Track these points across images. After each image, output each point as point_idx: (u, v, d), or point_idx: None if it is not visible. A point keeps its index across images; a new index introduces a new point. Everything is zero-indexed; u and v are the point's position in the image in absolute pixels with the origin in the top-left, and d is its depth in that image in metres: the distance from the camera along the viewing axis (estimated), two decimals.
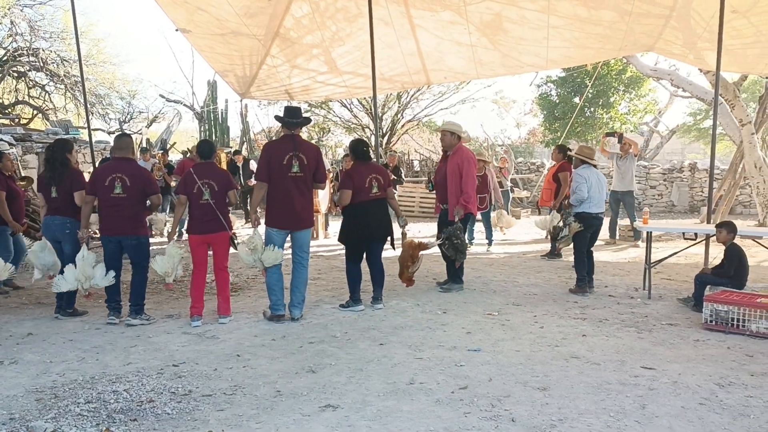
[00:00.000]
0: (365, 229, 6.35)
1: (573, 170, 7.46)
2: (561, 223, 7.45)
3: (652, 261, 7.16)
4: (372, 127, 23.56)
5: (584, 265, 7.16)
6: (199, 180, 5.89)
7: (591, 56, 11.42)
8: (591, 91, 22.45)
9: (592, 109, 24.41)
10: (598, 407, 3.78)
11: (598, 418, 3.63)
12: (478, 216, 10.86)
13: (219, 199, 5.93)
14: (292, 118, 5.99)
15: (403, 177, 16.04)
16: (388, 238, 6.53)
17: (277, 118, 6.22)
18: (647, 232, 7.48)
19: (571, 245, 7.24)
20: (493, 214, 11.05)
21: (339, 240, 6.58)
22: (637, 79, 23.18)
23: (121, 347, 5.16)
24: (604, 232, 10.85)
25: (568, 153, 7.69)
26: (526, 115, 35.91)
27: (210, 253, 6.05)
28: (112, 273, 5.91)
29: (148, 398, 3.97)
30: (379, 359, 4.75)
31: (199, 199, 5.90)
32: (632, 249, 10.74)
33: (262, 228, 6.08)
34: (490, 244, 10.87)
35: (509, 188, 13.38)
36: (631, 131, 26.56)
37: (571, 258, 7.38)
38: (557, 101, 25.79)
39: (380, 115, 23.50)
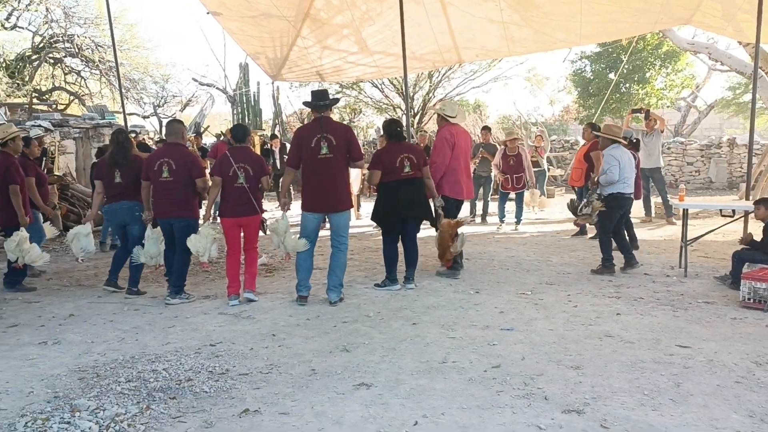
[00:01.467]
0: (395, 208, 6.36)
1: (602, 150, 7.32)
2: (585, 201, 7.36)
3: (688, 238, 7.05)
4: (403, 106, 23.47)
5: (609, 245, 7.07)
6: (235, 163, 5.98)
7: (626, 31, 11.22)
8: (626, 66, 22.02)
9: (627, 84, 23.99)
10: (632, 385, 3.77)
11: (632, 396, 3.62)
12: (512, 195, 10.81)
13: (253, 183, 6.02)
14: (319, 100, 6.01)
15: None
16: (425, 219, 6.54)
17: (305, 103, 6.26)
18: (683, 210, 7.36)
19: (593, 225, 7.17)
20: (526, 194, 10.97)
21: (371, 218, 6.61)
22: (674, 54, 22.67)
23: (160, 327, 5.29)
24: (638, 210, 10.74)
25: (594, 132, 7.56)
26: (559, 92, 35.40)
27: (242, 234, 6.16)
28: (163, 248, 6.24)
29: (186, 377, 4.07)
30: (412, 338, 4.79)
31: (234, 183, 5.99)
32: (668, 227, 10.58)
33: (290, 212, 6.14)
34: (518, 222, 10.80)
35: (546, 167, 13.21)
36: (668, 107, 26.04)
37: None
38: (592, 77, 25.38)
39: (411, 94, 23.39)
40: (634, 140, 8.87)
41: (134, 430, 3.31)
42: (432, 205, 6.67)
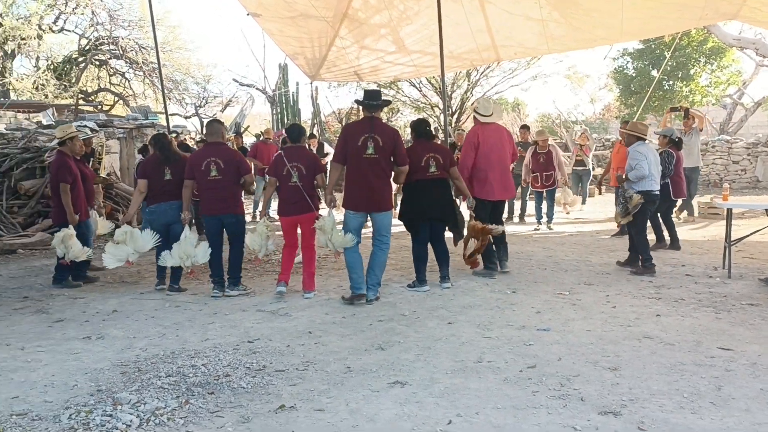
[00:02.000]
0: (417, 208, 6.36)
1: (627, 147, 7.24)
2: (621, 199, 7.26)
3: (732, 239, 6.89)
4: (441, 105, 23.41)
5: (647, 245, 6.97)
6: (289, 163, 6.08)
7: (669, 27, 11.01)
8: (670, 63, 21.56)
9: (670, 82, 23.50)
10: (671, 388, 3.71)
11: (671, 398, 3.56)
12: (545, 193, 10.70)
13: (306, 182, 6.11)
14: (371, 100, 6.04)
15: None
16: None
17: (357, 101, 6.32)
18: (727, 209, 7.19)
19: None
20: (558, 192, 10.83)
21: (398, 218, 6.63)
22: (720, 50, 22.12)
23: (200, 324, 5.39)
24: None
25: (621, 130, 7.43)
26: (600, 90, 34.87)
27: (299, 231, 6.29)
28: (209, 249, 6.33)
29: (224, 373, 4.14)
30: (447, 338, 4.79)
31: (288, 182, 6.10)
32: (712, 227, 10.34)
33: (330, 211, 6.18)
34: (549, 221, 10.67)
35: (591, 167, 13.02)
36: (713, 104, 25.43)
37: (652, 236, 7.20)
38: (634, 75, 24.94)
39: (449, 93, 23.31)
40: (676, 138, 8.70)
41: (173, 424, 3.39)
42: (461, 207, 6.66)
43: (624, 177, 7.10)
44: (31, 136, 11.59)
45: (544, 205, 10.73)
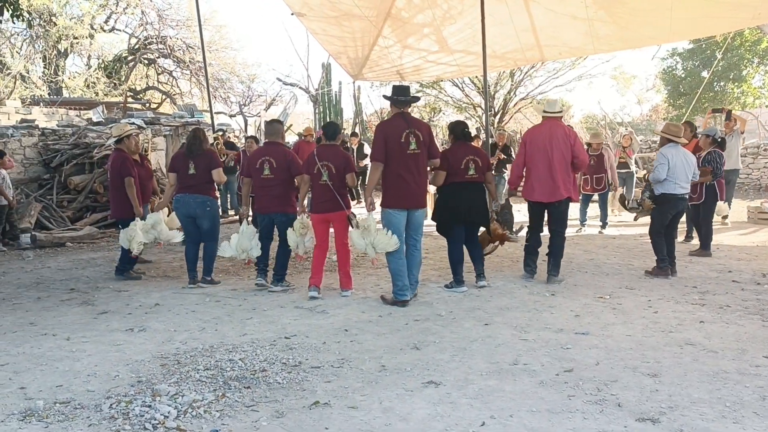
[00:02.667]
0: (453, 211, 6.32)
1: (659, 149, 7.08)
2: (638, 197, 7.17)
3: None
4: (484, 105, 23.24)
5: (662, 246, 6.85)
6: (319, 162, 6.12)
7: (721, 26, 10.71)
8: (721, 63, 20.99)
9: (722, 83, 22.88)
10: (713, 396, 3.61)
11: (713, 407, 3.46)
12: (595, 197, 10.54)
13: (336, 181, 6.13)
14: (401, 95, 6.04)
15: (514, 156, 15.75)
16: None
17: (386, 97, 6.31)
18: None
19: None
20: (609, 195, 10.65)
21: (431, 219, 6.59)
22: None
23: (238, 319, 5.47)
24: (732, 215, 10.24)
25: (659, 133, 7.20)
26: (648, 91, 34.17)
27: (332, 230, 6.31)
28: (259, 244, 6.50)
29: (261, 368, 4.19)
30: (483, 339, 4.76)
31: (318, 180, 6.14)
32: (761, 232, 10.04)
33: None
34: (603, 226, 10.49)
35: (634, 169, 12.76)
36: (767, 106, 24.67)
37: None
38: (683, 75, 24.35)
39: (492, 93, 23.12)
40: (719, 138, 8.46)
41: (210, 417, 3.44)
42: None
43: (645, 178, 7.02)
44: (81, 133, 11.92)
45: (592, 208, 10.56)
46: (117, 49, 24.78)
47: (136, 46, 24.06)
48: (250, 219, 6.88)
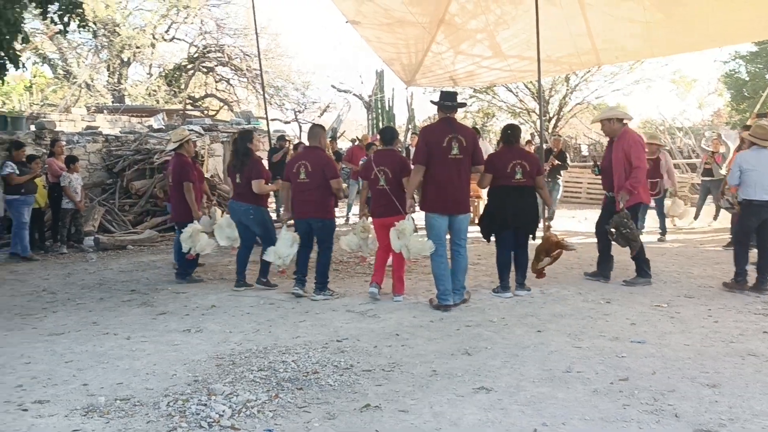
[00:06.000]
0: (499, 215, 6.28)
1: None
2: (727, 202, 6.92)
3: None
4: (538, 111, 22.99)
5: (742, 258, 6.46)
6: (376, 167, 6.17)
7: None
8: None
9: None
10: None
11: None
12: (652, 203, 10.28)
13: (394, 185, 6.16)
14: (448, 100, 6.04)
15: (569, 162, 15.54)
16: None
17: (433, 102, 6.33)
18: None
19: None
20: (667, 202, 10.36)
21: (478, 223, 6.55)
22: None
23: (291, 322, 5.55)
24: None
25: (746, 136, 6.94)
26: (709, 95, 33.16)
27: None
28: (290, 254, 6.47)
29: (313, 370, 4.24)
30: (535, 345, 4.71)
31: (376, 185, 6.19)
32: None
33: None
34: (662, 234, 10.19)
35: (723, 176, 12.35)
36: None
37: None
38: (747, 78, 23.56)
39: (546, 98, 22.84)
40: None
41: (263, 417, 3.51)
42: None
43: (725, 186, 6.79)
44: (142, 139, 12.32)
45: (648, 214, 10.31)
46: (177, 58, 25.50)
47: (195, 55, 24.71)
48: (290, 224, 6.90)
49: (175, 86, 23.89)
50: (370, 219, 6.77)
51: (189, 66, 24.64)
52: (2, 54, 6.71)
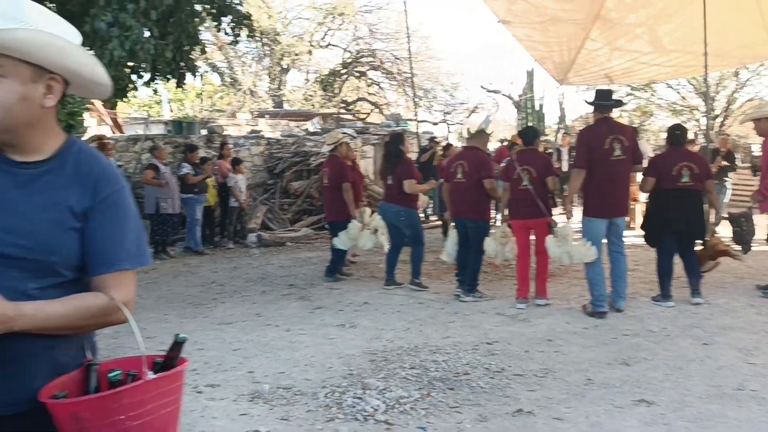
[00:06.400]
0: (662, 220, 5.92)
1: None
2: None
3: None
4: (702, 108, 21.47)
5: None
6: (519, 166, 6.08)
7: None
8: None
9: None
10: None
11: None
12: None
13: (537, 186, 6.03)
14: (604, 100, 5.82)
15: (737, 163, 14.35)
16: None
17: (588, 102, 6.12)
18: None
19: None
20: None
21: (641, 227, 6.22)
22: None
23: (441, 322, 5.60)
24: None
25: None
26: None
27: (532, 237, 6.22)
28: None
29: (463, 371, 4.26)
30: (701, 359, 4.42)
31: (519, 185, 6.10)
32: None
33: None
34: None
35: None
36: None
37: None
38: None
39: (712, 95, 21.27)
40: None
41: (416, 414, 3.58)
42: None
43: None
44: (300, 142, 12.96)
45: None
46: (332, 64, 26.51)
47: (349, 60, 25.57)
48: (452, 225, 6.95)
49: (329, 91, 24.86)
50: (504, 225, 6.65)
51: (342, 71, 25.54)
52: (183, 64, 7.33)
